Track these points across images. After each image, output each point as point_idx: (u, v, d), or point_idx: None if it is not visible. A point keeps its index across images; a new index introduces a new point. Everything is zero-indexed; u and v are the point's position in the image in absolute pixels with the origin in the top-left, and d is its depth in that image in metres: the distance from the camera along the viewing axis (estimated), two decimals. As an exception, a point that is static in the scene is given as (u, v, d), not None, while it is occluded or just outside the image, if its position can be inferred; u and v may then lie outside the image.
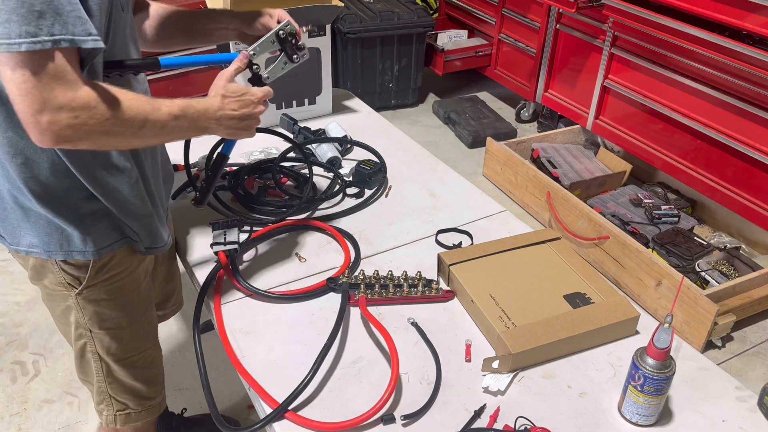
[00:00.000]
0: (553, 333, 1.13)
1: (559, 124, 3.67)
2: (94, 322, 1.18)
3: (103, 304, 1.17)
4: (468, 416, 1.03)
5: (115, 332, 1.21)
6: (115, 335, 1.21)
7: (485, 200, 1.63)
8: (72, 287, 1.13)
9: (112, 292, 1.17)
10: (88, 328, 1.18)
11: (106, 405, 1.29)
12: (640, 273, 2.35)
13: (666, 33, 2.59)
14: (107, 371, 1.25)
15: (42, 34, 0.80)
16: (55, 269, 1.11)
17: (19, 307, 2.40)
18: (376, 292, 1.25)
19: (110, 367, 1.25)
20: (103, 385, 1.26)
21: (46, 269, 1.11)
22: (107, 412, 1.30)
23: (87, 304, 1.15)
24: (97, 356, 1.22)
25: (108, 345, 1.21)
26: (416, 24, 3.71)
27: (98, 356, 1.22)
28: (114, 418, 1.30)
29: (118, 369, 1.25)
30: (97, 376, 1.25)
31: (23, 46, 0.79)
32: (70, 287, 1.13)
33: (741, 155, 2.52)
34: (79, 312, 1.16)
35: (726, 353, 2.28)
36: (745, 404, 1.08)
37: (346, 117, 2.05)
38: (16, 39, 0.78)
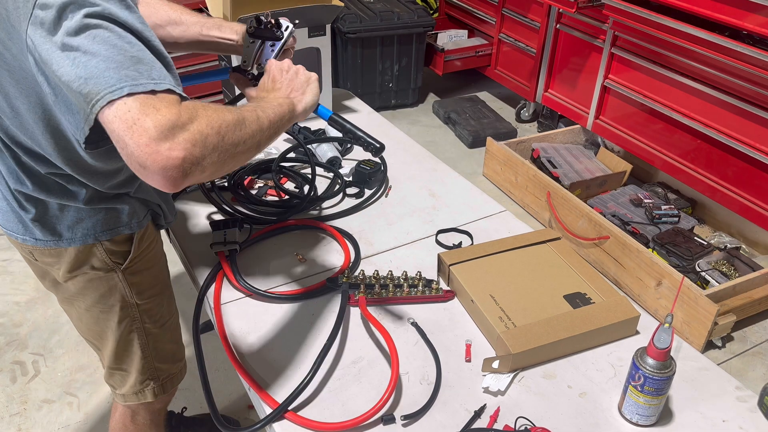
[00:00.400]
0: (553, 333, 1.13)
1: (559, 124, 3.67)
2: (141, 294, 1.22)
3: (145, 273, 1.22)
4: (468, 416, 1.03)
5: (157, 299, 1.27)
6: (157, 302, 1.27)
7: (485, 200, 1.63)
8: (118, 264, 1.16)
9: (150, 260, 1.23)
10: (135, 302, 1.22)
11: (152, 378, 1.32)
12: (640, 273, 2.35)
13: (666, 33, 2.59)
14: (153, 343, 1.28)
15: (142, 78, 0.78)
16: (99, 251, 1.13)
17: (19, 307, 2.40)
18: (376, 292, 1.25)
19: (155, 336, 1.29)
20: (149, 359, 1.29)
21: (91, 255, 1.13)
22: (155, 384, 1.33)
23: (132, 278, 1.20)
24: (142, 331, 1.26)
25: (152, 313, 1.26)
26: (416, 24, 3.71)
27: (143, 331, 1.26)
28: (162, 387, 1.34)
29: (161, 335, 1.30)
30: (143, 351, 1.28)
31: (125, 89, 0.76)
32: (116, 265, 1.16)
33: (741, 155, 2.52)
34: (125, 288, 1.19)
35: (726, 353, 2.28)
36: (745, 404, 1.08)
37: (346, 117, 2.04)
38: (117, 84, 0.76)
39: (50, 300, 2.39)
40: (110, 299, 1.20)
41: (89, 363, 2.16)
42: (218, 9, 1.78)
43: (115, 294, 1.20)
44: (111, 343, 1.26)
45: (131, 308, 1.23)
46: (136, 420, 1.42)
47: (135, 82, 0.77)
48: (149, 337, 1.28)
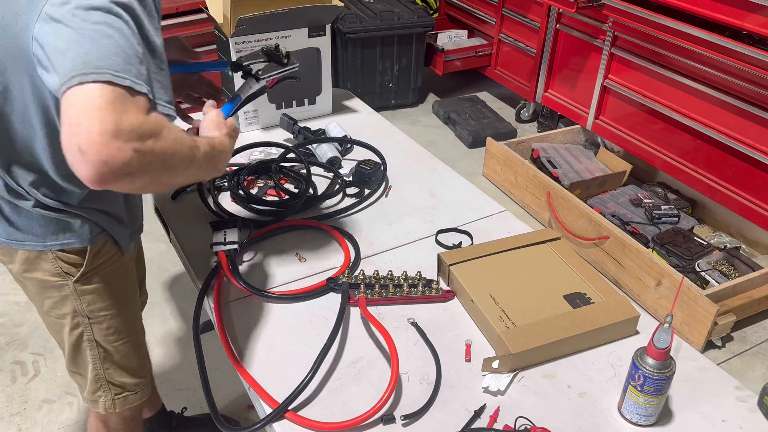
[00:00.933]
0: (553, 333, 1.13)
1: (559, 124, 3.67)
2: (92, 309, 1.19)
3: (100, 289, 1.18)
4: (468, 416, 1.03)
5: (112, 316, 1.23)
6: (112, 319, 1.23)
7: (485, 200, 1.63)
8: (69, 276, 1.14)
9: (107, 276, 1.19)
10: (86, 315, 1.19)
11: (104, 391, 1.30)
12: (640, 273, 2.35)
13: (666, 33, 2.59)
14: (104, 356, 1.26)
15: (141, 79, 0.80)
16: (49, 258, 1.11)
17: (19, 307, 2.40)
18: (376, 292, 1.25)
19: (107, 351, 1.26)
20: (100, 372, 1.27)
21: (40, 260, 1.11)
22: (105, 398, 1.31)
23: (84, 292, 1.16)
24: (94, 343, 1.23)
25: (106, 329, 1.23)
26: (416, 24, 3.71)
27: (95, 343, 1.23)
28: (113, 403, 1.31)
29: (115, 352, 1.27)
30: (93, 363, 1.26)
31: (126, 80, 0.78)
32: (66, 276, 1.14)
33: (741, 155, 2.52)
34: (76, 300, 1.17)
35: (726, 353, 2.28)
36: (745, 404, 1.08)
37: (346, 117, 2.05)
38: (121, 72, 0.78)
39: (50, 300, 2.39)
40: (62, 308, 1.18)
41: (89, 363, 2.16)
42: (218, 9, 1.78)
43: (67, 304, 1.18)
44: (66, 347, 1.26)
45: (83, 319, 1.20)
46: (108, 425, 1.41)
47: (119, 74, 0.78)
48: (100, 351, 1.25)
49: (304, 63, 1.93)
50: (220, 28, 1.80)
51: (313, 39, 1.89)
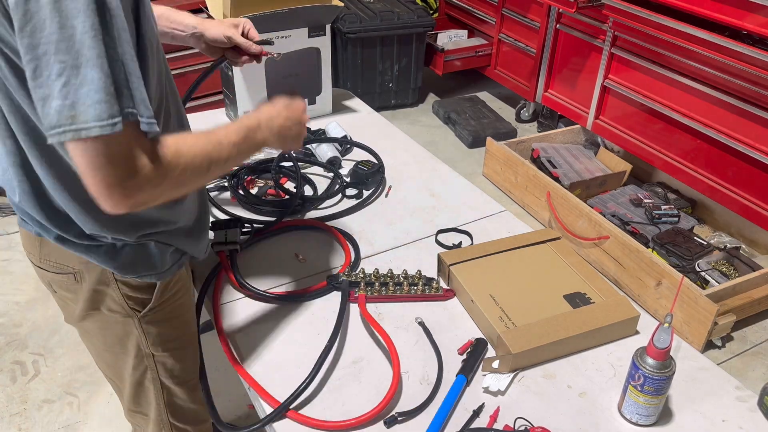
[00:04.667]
0: (553, 333, 1.13)
1: (559, 124, 3.67)
2: (157, 345, 1.12)
3: (167, 324, 1.11)
4: (468, 416, 1.03)
5: (178, 353, 1.16)
6: (178, 356, 1.16)
7: (485, 200, 1.63)
8: (135, 311, 1.06)
9: (175, 310, 1.12)
10: (151, 353, 1.12)
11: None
12: (640, 273, 2.35)
13: (666, 33, 2.59)
14: (168, 398, 1.19)
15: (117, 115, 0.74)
16: (116, 293, 1.04)
17: (19, 307, 2.40)
18: (375, 289, 1.26)
19: (171, 391, 1.19)
20: (164, 415, 1.20)
21: (106, 296, 1.04)
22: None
23: (151, 327, 1.09)
24: (158, 382, 1.16)
25: (171, 367, 1.16)
26: (416, 24, 3.71)
27: (159, 382, 1.16)
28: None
29: (180, 392, 1.20)
30: (157, 404, 1.18)
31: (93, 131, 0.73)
32: (133, 311, 1.06)
33: (741, 155, 2.52)
34: (141, 336, 1.09)
35: (726, 353, 2.28)
36: (745, 404, 1.08)
37: (346, 117, 2.05)
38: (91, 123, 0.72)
39: (50, 300, 2.39)
40: (127, 344, 1.11)
41: (89, 363, 2.16)
42: (218, 9, 1.78)
43: (131, 340, 1.10)
44: (128, 385, 1.17)
45: (147, 358, 1.13)
46: None
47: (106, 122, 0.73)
48: (165, 391, 1.18)
49: (304, 63, 1.93)
50: (220, 28, 1.80)
51: (313, 39, 1.89)
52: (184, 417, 1.23)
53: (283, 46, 1.85)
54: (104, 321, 1.08)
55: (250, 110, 1.90)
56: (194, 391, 1.23)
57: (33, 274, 2.59)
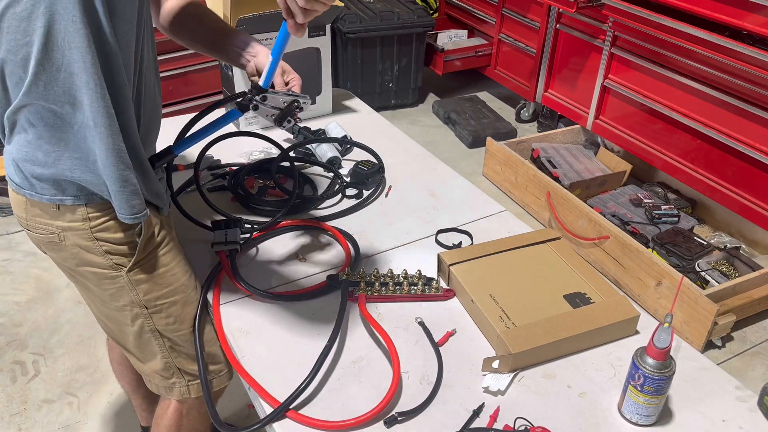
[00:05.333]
0: (553, 333, 1.13)
1: (559, 124, 3.67)
2: (149, 298, 1.17)
3: (156, 276, 1.16)
4: (468, 416, 1.03)
5: (171, 303, 1.20)
6: (171, 305, 1.20)
7: (485, 200, 1.63)
8: (121, 267, 1.11)
9: (161, 261, 1.17)
10: (144, 305, 1.17)
11: (177, 378, 1.27)
12: (640, 273, 2.35)
13: (666, 33, 2.59)
14: (170, 345, 1.24)
15: None
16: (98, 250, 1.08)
17: (19, 307, 2.40)
18: (375, 289, 1.26)
19: (172, 339, 1.23)
20: (169, 360, 1.25)
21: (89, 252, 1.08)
22: (179, 385, 1.28)
23: (139, 280, 1.14)
24: (157, 333, 1.21)
25: (167, 317, 1.20)
26: (416, 24, 3.71)
27: (158, 332, 1.21)
28: (188, 389, 1.29)
29: (180, 339, 1.24)
30: (162, 352, 1.23)
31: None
32: (119, 267, 1.11)
33: (741, 155, 2.52)
34: (132, 290, 1.14)
35: (726, 353, 2.28)
36: (745, 404, 1.08)
37: (346, 117, 2.05)
38: None
39: (50, 300, 2.39)
40: (121, 298, 1.16)
41: (89, 363, 2.17)
42: (218, 9, 1.78)
43: (124, 294, 1.15)
44: (131, 340, 1.22)
45: (141, 309, 1.18)
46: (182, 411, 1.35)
47: None
48: (166, 340, 1.22)
49: (304, 63, 1.93)
50: (220, 28, 1.80)
51: (313, 39, 1.89)
52: (189, 362, 1.27)
53: (283, 46, 1.85)
54: (94, 281, 1.14)
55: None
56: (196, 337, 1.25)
57: (33, 274, 2.60)
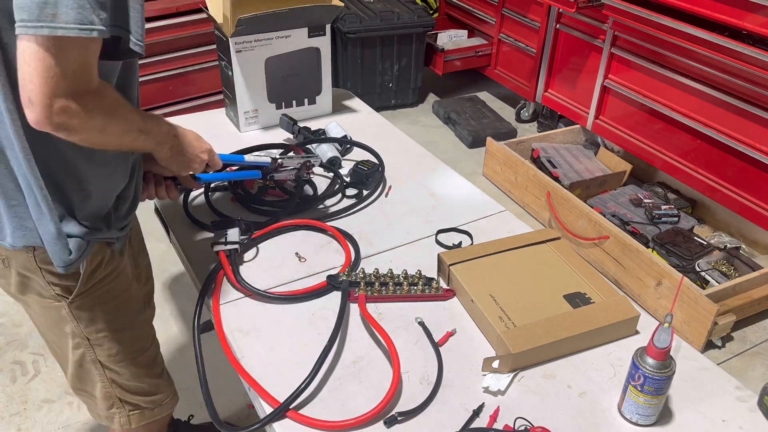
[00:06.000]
0: (553, 333, 1.13)
1: (559, 124, 3.67)
2: (91, 330, 1.14)
3: (99, 309, 1.14)
4: (468, 416, 1.03)
5: (116, 335, 1.18)
6: (117, 338, 1.18)
7: (485, 200, 1.63)
8: (63, 297, 1.09)
9: (107, 294, 1.14)
10: (85, 337, 1.15)
11: (117, 408, 1.26)
12: (640, 273, 2.35)
13: (666, 33, 2.59)
14: (111, 377, 1.22)
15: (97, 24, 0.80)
16: (41, 281, 1.06)
17: (18, 307, 2.39)
18: (375, 289, 1.26)
19: (113, 371, 1.22)
20: (110, 390, 1.24)
21: (32, 281, 1.07)
22: (120, 415, 1.27)
23: (82, 312, 1.12)
24: (98, 364, 1.19)
25: (108, 350, 1.18)
26: (416, 24, 3.71)
27: (99, 363, 1.19)
28: (128, 419, 1.28)
29: (122, 372, 1.23)
30: (102, 382, 1.22)
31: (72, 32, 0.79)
32: (62, 298, 1.09)
33: (741, 155, 2.52)
34: (73, 321, 1.12)
35: (726, 353, 2.28)
36: (745, 404, 1.08)
37: (346, 117, 2.05)
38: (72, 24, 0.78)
39: (50, 300, 2.39)
40: (63, 327, 1.14)
41: (89, 363, 2.16)
42: (218, 9, 1.78)
43: (66, 324, 1.13)
44: (70, 367, 1.21)
45: (83, 341, 1.16)
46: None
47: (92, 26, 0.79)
48: (107, 371, 1.21)
49: (304, 63, 1.93)
50: (220, 28, 1.80)
51: (313, 39, 1.89)
52: (131, 392, 1.26)
53: (283, 46, 1.86)
54: (37, 307, 1.12)
55: (249, 110, 1.90)
56: (138, 368, 1.25)
57: (33, 274, 2.60)
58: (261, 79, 1.87)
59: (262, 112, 1.93)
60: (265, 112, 1.93)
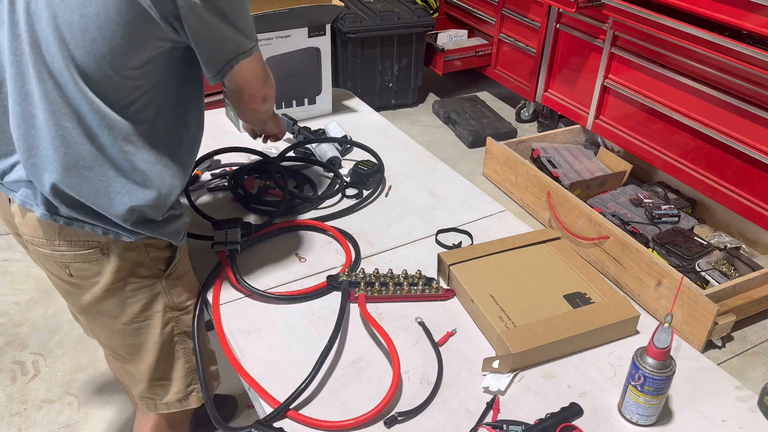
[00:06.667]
0: (553, 333, 1.13)
1: (559, 123, 3.67)
2: (182, 299, 1.21)
3: (184, 278, 1.22)
4: (468, 416, 1.03)
5: (194, 302, 1.25)
6: (194, 305, 1.25)
7: (485, 200, 1.63)
8: (162, 271, 1.16)
9: (185, 264, 1.23)
10: (176, 308, 1.21)
11: (195, 384, 1.28)
12: (640, 273, 2.35)
13: (666, 33, 2.59)
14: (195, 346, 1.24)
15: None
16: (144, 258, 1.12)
17: (19, 307, 2.40)
18: (375, 289, 1.26)
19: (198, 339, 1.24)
20: (192, 364, 1.26)
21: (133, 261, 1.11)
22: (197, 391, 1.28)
23: (175, 282, 1.19)
24: (184, 336, 1.23)
25: (188, 319, 1.24)
26: (416, 24, 3.71)
27: (184, 335, 1.23)
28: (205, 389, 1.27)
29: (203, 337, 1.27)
30: (186, 357, 1.25)
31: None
32: (161, 272, 1.16)
33: (741, 155, 2.52)
34: (168, 294, 1.18)
35: (726, 353, 2.28)
36: (745, 404, 1.08)
37: (346, 117, 2.05)
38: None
39: (50, 300, 2.39)
40: (152, 308, 1.17)
41: (89, 363, 2.16)
42: (218, 9, 1.77)
43: (159, 302, 1.18)
44: (151, 354, 1.22)
45: (174, 314, 1.21)
46: (174, 424, 1.37)
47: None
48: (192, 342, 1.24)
49: (304, 63, 1.93)
50: (220, 28, 1.79)
51: (313, 39, 1.89)
52: (210, 359, 1.30)
53: (283, 46, 1.86)
54: (128, 294, 1.14)
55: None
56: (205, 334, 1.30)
57: (33, 274, 2.60)
58: (261, 79, 1.87)
59: (262, 112, 1.92)
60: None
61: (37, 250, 1.10)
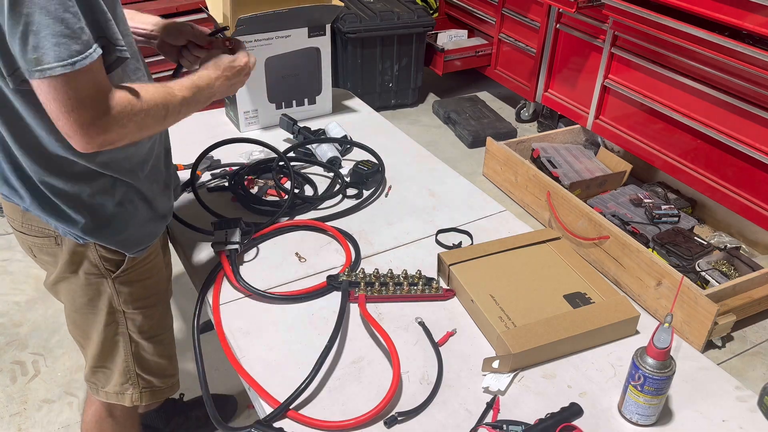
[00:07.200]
0: (553, 333, 1.13)
1: (559, 123, 3.67)
2: (128, 303, 1.22)
3: (139, 284, 1.22)
4: (468, 416, 1.03)
5: (148, 310, 1.26)
6: (148, 313, 1.26)
7: (485, 200, 1.63)
8: (110, 272, 1.17)
9: (147, 272, 1.23)
10: (122, 310, 1.22)
11: (132, 384, 1.32)
12: (640, 273, 2.35)
13: (666, 33, 2.59)
14: (136, 351, 1.29)
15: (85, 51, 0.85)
16: (93, 256, 1.14)
17: (19, 307, 2.40)
18: (375, 289, 1.26)
19: (140, 345, 1.29)
20: (130, 365, 1.29)
21: (84, 258, 1.14)
22: (132, 391, 1.32)
23: (123, 287, 1.20)
24: (127, 337, 1.26)
25: (141, 323, 1.26)
26: (416, 24, 3.71)
27: (129, 337, 1.26)
28: (140, 396, 1.33)
29: (147, 347, 1.30)
30: (125, 356, 1.28)
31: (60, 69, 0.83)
32: (108, 272, 1.17)
33: (741, 155, 2.52)
34: (114, 295, 1.20)
35: (726, 353, 2.28)
36: (745, 404, 1.08)
37: (346, 117, 2.05)
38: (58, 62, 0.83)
39: (50, 300, 2.39)
40: (98, 303, 1.21)
41: (89, 363, 2.17)
42: (218, 9, 1.78)
43: (103, 299, 1.20)
44: (96, 343, 1.27)
45: (118, 314, 1.23)
46: (114, 414, 1.42)
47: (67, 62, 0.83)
48: (133, 345, 1.28)
49: (304, 63, 1.94)
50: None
51: (313, 39, 1.89)
52: (149, 369, 1.33)
53: (283, 46, 1.86)
54: (77, 284, 1.18)
55: (249, 110, 1.90)
56: (161, 346, 1.33)
57: (33, 274, 2.59)
58: (261, 79, 1.87)
59: (262, 112, 1.93)
60: (265, 112, 1.93)
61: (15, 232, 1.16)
